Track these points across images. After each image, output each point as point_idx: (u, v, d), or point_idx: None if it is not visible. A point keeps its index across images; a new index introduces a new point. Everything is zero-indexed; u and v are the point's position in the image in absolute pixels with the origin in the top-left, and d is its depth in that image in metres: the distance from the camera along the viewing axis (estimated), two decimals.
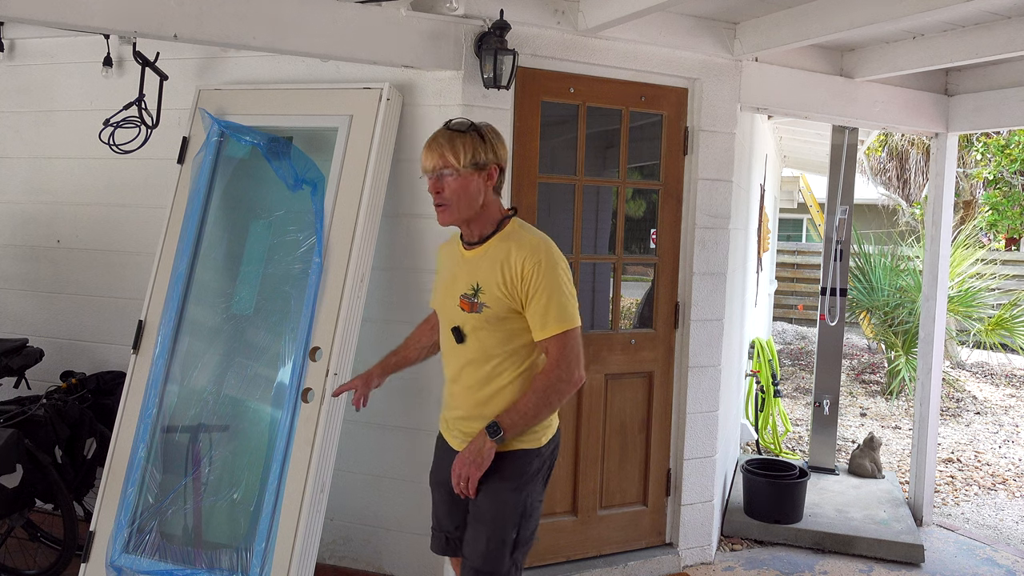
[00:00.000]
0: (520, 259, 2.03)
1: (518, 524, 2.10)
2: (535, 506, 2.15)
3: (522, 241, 2.07)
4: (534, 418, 2.06)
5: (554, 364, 2.03)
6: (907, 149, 11.35)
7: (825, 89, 3.95)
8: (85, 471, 3.28)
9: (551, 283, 2.01)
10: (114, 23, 2.57)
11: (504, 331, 2.08)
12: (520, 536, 2.11)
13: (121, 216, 3.68)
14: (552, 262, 2.03)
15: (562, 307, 2.02)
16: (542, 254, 2.03)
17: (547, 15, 3.15)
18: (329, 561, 3.39)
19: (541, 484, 2.17)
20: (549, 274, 2.01)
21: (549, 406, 2.06)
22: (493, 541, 2.09)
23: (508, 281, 2.04)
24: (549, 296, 2.01)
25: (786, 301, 12.54)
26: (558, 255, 2.07)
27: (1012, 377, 9.07)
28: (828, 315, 4.89)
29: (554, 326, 2.01)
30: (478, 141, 2.07)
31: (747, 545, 4.04)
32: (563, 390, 2.04)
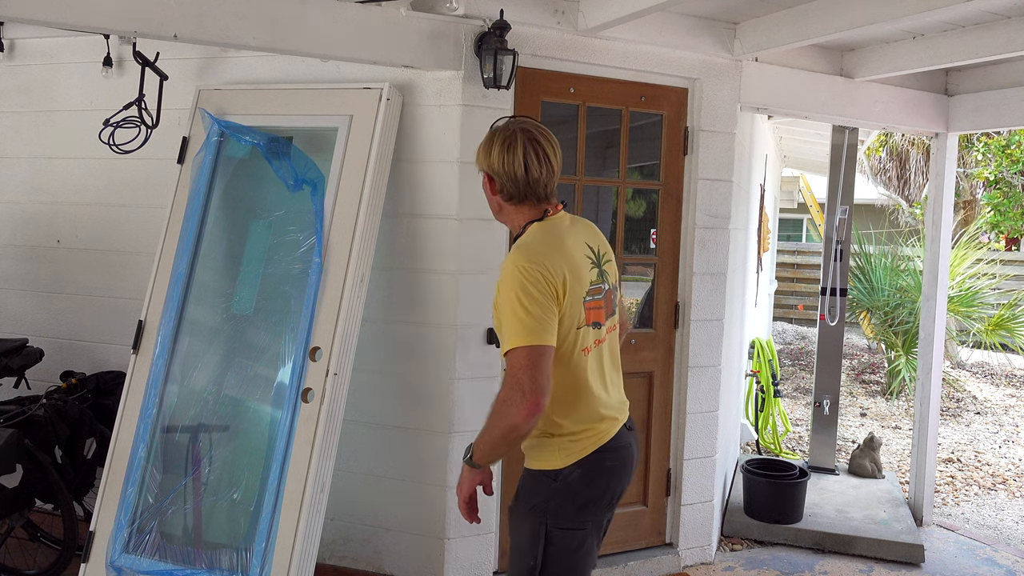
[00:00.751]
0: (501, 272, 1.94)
1: (534, 550, 1.94)
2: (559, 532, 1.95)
3: (512, 253, 1.96)
4: (488, 439, 1.88)
5: (503, 383, 1.86)
6: (907, 149, 11.35)
7: (825, 89, 3.95)
8: (85, 471, 3.28)
9: (506, 299, 1.87)
10: (114, 23, 2.57)
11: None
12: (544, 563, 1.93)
13: (121, 216, 3.68)
14: (516, 276, 1.86)
15: (512, 324, 1.84)
16: (507, 268, 1.90)
17: (547, 15, 3.15)
18: (329, 561, 3.39)
19: (571, 509, 1.95)
20: (510, 288, 1.86)
21: (497, 427, 1.84)
22: (515, 567, 2.01)
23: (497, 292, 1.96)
24: (504, 312, 1.87)
25: (786, 301, 12.53)
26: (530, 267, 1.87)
27: (1012, 377, 9.07)
28: (828, 315, 4.89)
29: (506, 342, 1.86)
30: (479, 147, 2.05)
31: (747, 545, 4.04)
32: (506, 412, 1.80)
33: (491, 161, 2.01)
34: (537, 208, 2.04)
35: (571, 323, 1.92)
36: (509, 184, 2.00)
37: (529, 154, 1.98)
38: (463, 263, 3.14)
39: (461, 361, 3.17)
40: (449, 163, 3.12)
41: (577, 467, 1.95)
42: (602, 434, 1.99)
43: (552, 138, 2.03)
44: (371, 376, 3.26)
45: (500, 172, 2.00)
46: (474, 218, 3.15)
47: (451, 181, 3.12)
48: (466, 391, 3.20)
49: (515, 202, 2.04)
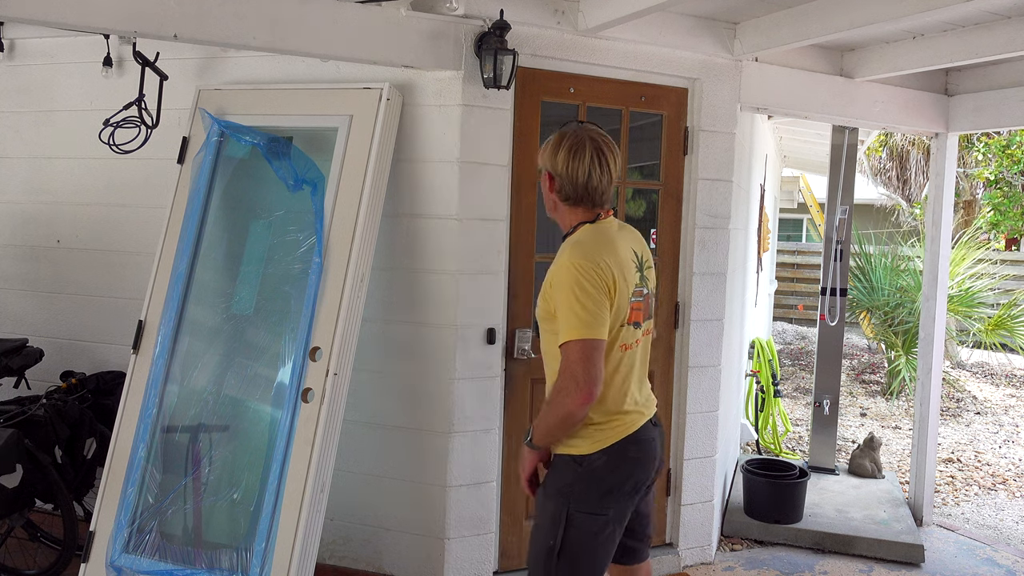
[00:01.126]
0: (555, 267, 2.06)
1: (554, 531, 2.05)
2: (581, 516, 2.05)
3: (565, 250, 2.08)
4: (546, 425, 2.05)
5: (561, 371, 2.00)
6: (907, 149, 11.34)
7: (825, 89, 3.95)
8: (85, 471, 3.28)
9: (563, 294, 1.99)
10: (114, 23, 2.58)
11: (551, 332, 2.09)
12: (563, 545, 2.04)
13: (121, 216, 3.68)
14: (572, 273, 1.99)
15: (568, 318, 1.97)
16: (565, 263, 2.02)
17: (547, 15, 3.15)
18: (329, 561, 3.40)
19: (594, 494, 2.06)
20: (566, 284, 1.99)
21: (552, 414, 2.01)
22: (535, 546, 2.12)
23: (547, 285, 2.08)
24: (561, 306, 2.00)
25: (786, 301, 12.53)
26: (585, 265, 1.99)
27: (1012, 377, 9.07)
28: (828, 315, 4.89)
29: (563, 334, 1.99)
30: (545, 145, 2.17)
31: (747, 545, 4.04)
32: (562, 401, 1.97)
33: (556, 163, 2.13)
34: (590, 212, 2.16)
35: (616, 320, 2.05)
36: (569, 187, 2.12)
37: (594, 163, 2.10)
38: (463, 263, 3.14)
39: (461, 361, 3.18)
40: (449, 163, 3.12)
41: (602, 454, 2.06)
42: (627, 425, 2.10)
43: (615, 148, 2.16)
44: (371, 376, 3.26)
45: (563, 175, 2.12)
46: (474, 218, 3.15)
47: (451, 181, 3.12)
48: (466, 391, 3.20)
49: (571, 203, 2.16)
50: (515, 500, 3.40)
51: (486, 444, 3.27)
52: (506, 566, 3.41)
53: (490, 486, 3.30)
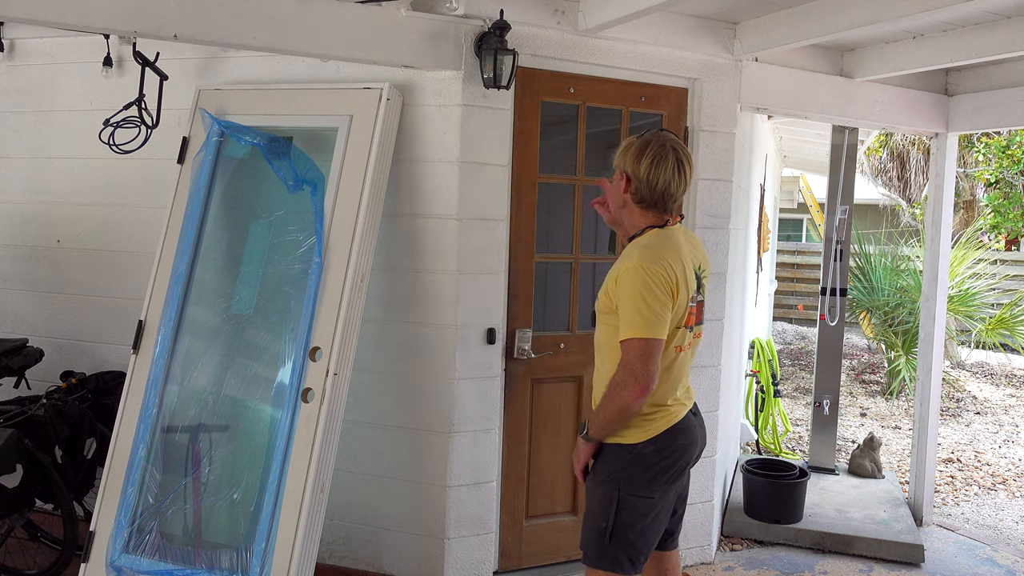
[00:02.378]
0: (623, 265, 2.17)
1: (607, 513, 2.20)
2: (631, 499, 2.21)
3: (635, 250, 2.19)
4: (603, 418, 2.18)
5: (619, 367, 2.14)
6: (907, 149, 11.35)
7: (825, 89, 3.95)
8: (85, 471, 3.28)
9: (631, 292, 2.11)
10: (114, 23, 2.58)
11: (608, 325, 2.23)
12: (611, 524, 2.20)
13: (121, 216, 3.68)
14: (640, 275, 2.11)
15: (632, 316, 2.10)
16: (635, 263, 2.13)
17: (547, 15, 3.15)
18: (329, 561, 3.40)
19: (642, 479, 2.21)
20: (632, 284, 2.11)
21: (610, 407, 2.15)
22: (587, 528, 2.27)
23: (612, 282, 2.20)
24: (626, 303, 2.12)
25: (786, 301, 12.53)
26: (655, 269, 2.11)
27: (1012, 377, 9.06)
28: (828, 315, 4.89)
29: (625, 331, 2.12)
30: (628, 148, 2.26)
31: (747, 545, 4.04)
32: (620, 394, 2.11)
33: (639, 169, 2.22)
34: (660, 216, 2.27)
35: (674, 322, 2.18)
36: (646, 191, 2.23)
37: (675, 172, 2.21)
38: (463, 263, 3.14)
39: (461, 361, 3.17)
40: (449, 163, 3.12)
41: (651, 443, 2.22)
42: (672, 416, 2.25)
43: (691, 160, 2.27)
44: (371, 376, 3.26)
45: (643, 179, 2.22)
46: (474, 218, 3.15)
47: (451, 181, 3.12)
48: (466, 391, 3.20)
49: (643, 207, 2.26)
50: (515, 500, 3.40)
51: (486, 444, 3.27)
52: (506, 566, 3.41)
53: (490, 486, 3.30)
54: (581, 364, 3.46)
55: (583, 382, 3.48)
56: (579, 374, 3.48)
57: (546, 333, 3.41)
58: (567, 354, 3.44)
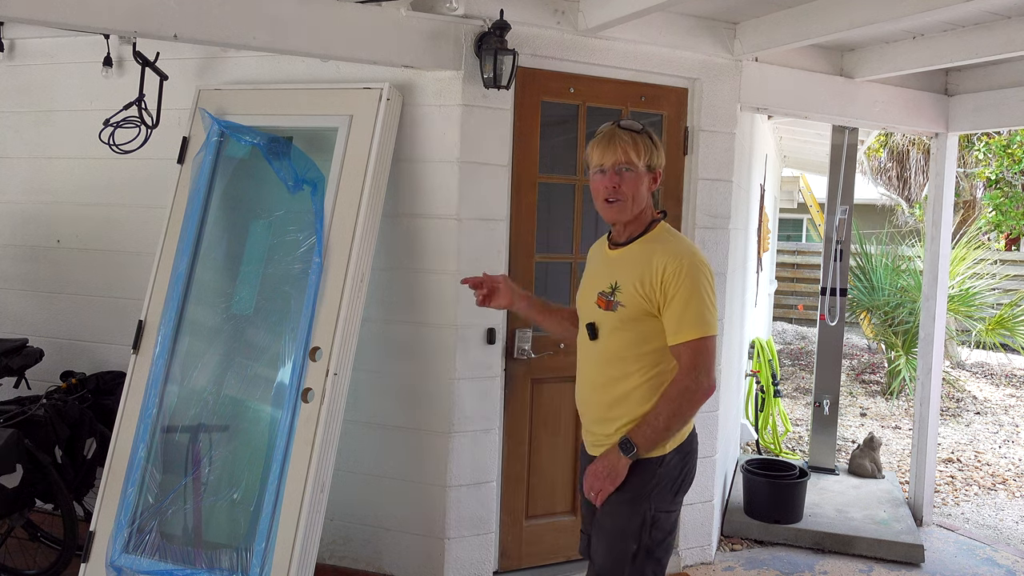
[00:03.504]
0: (663, 262, 2.03)
1: (639, 535, 2.07)
2: (661, 516, 2.10)
3: (667, 245, 2.08)
4: (667, 431, 2.03)
5: (685, 371, 2.01)
6: (907, 149, 11.34)
7: (825, 89, 3.95)
8: (85, 471, 3.28)
9: (692, 288, 2.00)
10: (114, 23, 2.57)
11: (637, 332, 2.07)
12: (643, 545, 2.07)
13: (121, 216, 3.68)
14: (696, 268, 2.02)
15: (699, 313, 1.99)
16: (686, 258, 2.03)
17: (547, 15, 3.15)
18: (329, 561, 3.40)
19: (669, 493, 2.11)
20: (691, 279, 2.00)
21: (681, 416, 2.02)
22: (614, 551, 2.10)
23: (648, 282, 2.04)
24: (687, 301, 2.00)
25: (786, 301, 12.53)
26: (703, 263, 2.05)
27: (1012, 377, 9.06)
28: (828, 315, 4.89)
29: (689, 331, 1.99)
30: (651, 144, 2.15)
31: (747, 545, 4.04)
32: (695, 399, 2.00)
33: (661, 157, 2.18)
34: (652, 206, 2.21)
35: None
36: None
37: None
38: (463, 263, 3.14)
39: (461, 361, 3.17)
40: (449, 163, 3.12)
41: (676, 452, 2.11)
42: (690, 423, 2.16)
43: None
44: (371, 376, 3.26)
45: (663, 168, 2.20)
46: (474, 218, 3.15)
47: (451, 181, 3.12)
48: (466, 391, 3.20)
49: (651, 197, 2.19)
50: (515, 500, 3.40)
51: (486, 444, 3.27)
52: (506, 566, 3.41)
53: (490, 486, 3.30)
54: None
55: None
56: None
57: (546, 333, 3.41)
58: (567, 354, 3.44)
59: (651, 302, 2.04)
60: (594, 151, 2.18)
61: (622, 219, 2.15)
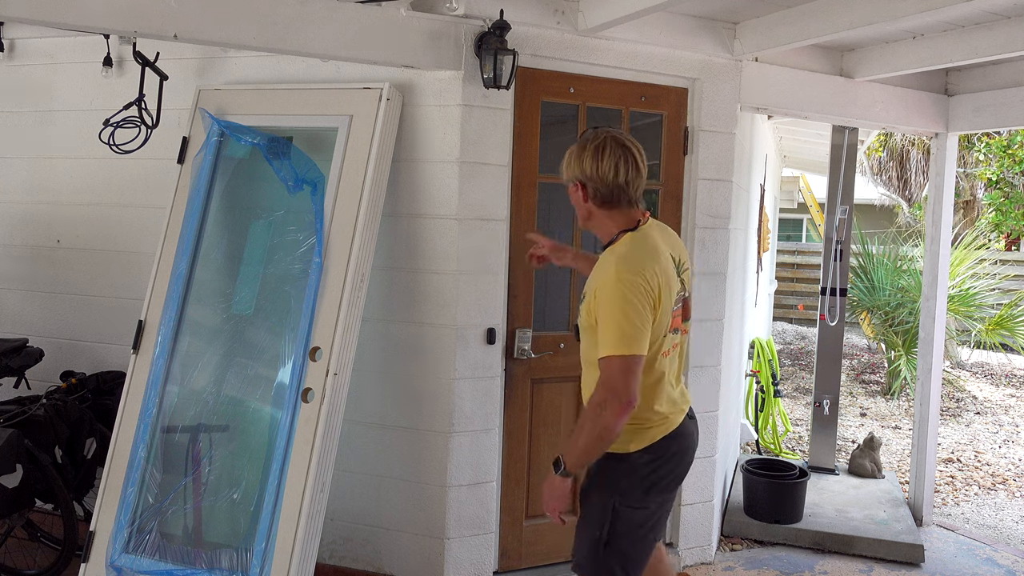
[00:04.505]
0: (602, 276, 2.07)
1: (603, 524, 2.14)
2: (626, 510, 2.15)
3: (613, 258, 2.09)
4: (586, 447, 2.05)
5: (600, 386, 2.03)
6: (907, 149, 11.34)
7: (825, 89, 3.95)
8: (85, 471, 3.28)
9: (613, 307, 2.01)
10: (114, 23, 2.58)
11: (592, 339, 2.12)
12: (610, 537, 2.13)
13: (121, 216, 3.68)
14: (619, 287, 2.01)
15: (614, 333, 2.00)
16: (618, 276, 2.03)
17: (547, 15, 3.15)
18: (329, 561, 3.39)
19: (637, 490, 2.16)
20: (614, 298, 2.01)
21: (598, 429, 2.02)
22: (583, 539, 2.20)
23: (591, 294, 2.11)
24: (604, 319, 2.02)
25: (786, 301, 12.53)
26: (634, 280, 2.01)
27: (1012, 377, 9.07)
28: (828, 315, 4.89)
29: (603, 348, 2.02)
30: (568, 157, 2.19)
31: (747, 545, 4.04)
32: (602, 415, 2.00)
33: (584, 167, 2.14)
34: (628, 215, 2.17)
35: (659, 330, 2.09)
36: (602, 188, 2.13)
37: (620, 158, 2.11)
38: (463, 263, 3.14)
39: (461, 361, 3.18)
40: (449, 163, 3.12)
41: (646, 452, 2.16)
42: (668, 423, 2.20)
43: (637, 145, 2.17)
44: (371, 376, 3.26)
45: (593, 177, 2.13)
46: (474, 218, 3.15)
47: (451, 181, 3.12)
48: (466, 391, 3.20)
49: (607, 207, 2.16)
50: (515, 500, 3.40)
51: (486, 444, 3.27)
52: (506, 566, 3.41)
53: (490, 486, 3.30)
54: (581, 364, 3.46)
55: None
56: (579, 374, 3.44)
57: (546, 333, 3.41)
58: (567, 354, 3.44)
59: (592, 316, 2.10)
60: None
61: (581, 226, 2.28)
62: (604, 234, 2.21)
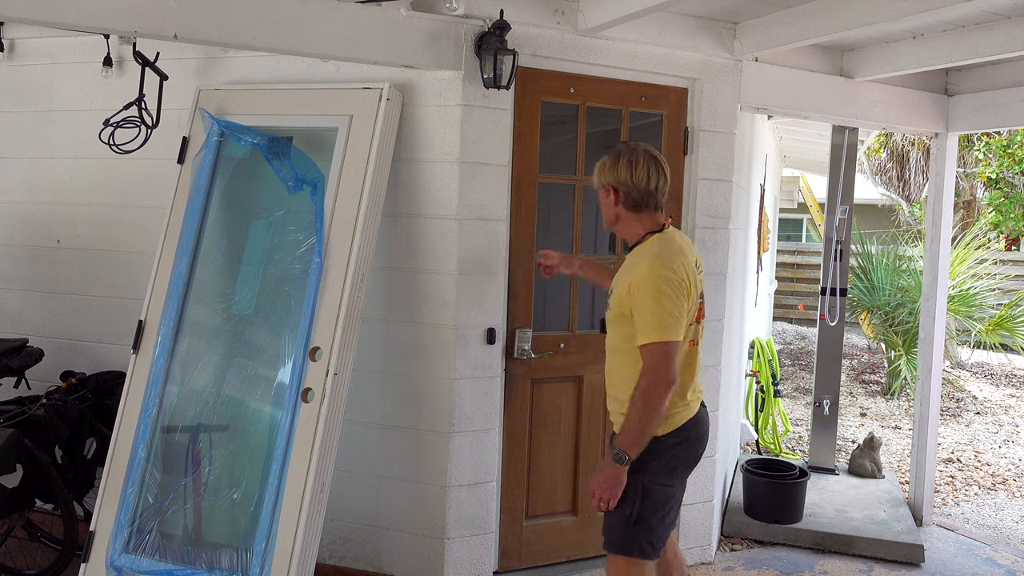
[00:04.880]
0: (639, 272, 2.31)
1: (635, 502, 2.36)
2: (657, 489, 2.38)
3: (647, 256, 2.36)
4: (642, 429, 2.29)
5: (645, 372, 2.27)
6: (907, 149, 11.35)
7: (825, 89, 3.95)
8: (85, 471, 3.28)
9: (650, 298, 2.26)
10: (114, 23, 2.58)
11: (624, 330, 2.38)
12: (641, 514, 2.36)
13: (121, 216, 3.68)
14: (657, 281, 2.27)
15: (653, 322, 2.25)
16: (652, 270, 2.29)
17: (547, 15, 3.15)
18: (329, 561, 3.40)
19: (664, 470, 2.38)
20: (651, 290, 2.27)
21: (648, 413, 2.27)
22: (615, 516, 2.40)
23: (626, 288, 2.34)
24: (644, 309, 2.27)
25: (786, 301, 12.53)
26: (668, 274, 2.28)
27: (1012, 377, 9.07)
28: (828, 315, 4.89)
29: (644, 336, 2.27)
30: (603, 165, 2.44)
31: (747, 545, 4.04)
32: (653, 396, 2.25)
33: (618, 174, 2.40)
34: (654, 219, 2.44)
35: (688, 320, 2.35)
36: (634, 193, 2.40)
37: (651, 168, 2.40)
38: (463, 263, 3.14)
39: (461, 361, 3.18)
40: (449, 163, 3.12)
41: (672, 436, 2.40)
42: (690, 409, 2.46)
43: (663, 158, 2.45)
44: (371, 376, 3.26)
45: (626, 183, 2.40)
46: (474, 218, 3.15)
47: (451, 181, 3.12)
48: (466, 391, 3.20)
49: (636, 211, 2.43)
50: (515, 500, 3.40)
51: (486, 444, 3.27)
52: (506, 566, 3.41)
53: (490, 486, 3.30)
54: (581, 364, 3.46)
55: (583, 382, 3.48)
56: (579, 374, 3.48)
57: (546, 333, 3.41)
58: (567, 354, 3.44)
59: (625, 306, 2.35)
60: None
61: (607, 228, 2.53)
62: (631, 235, 2.47)
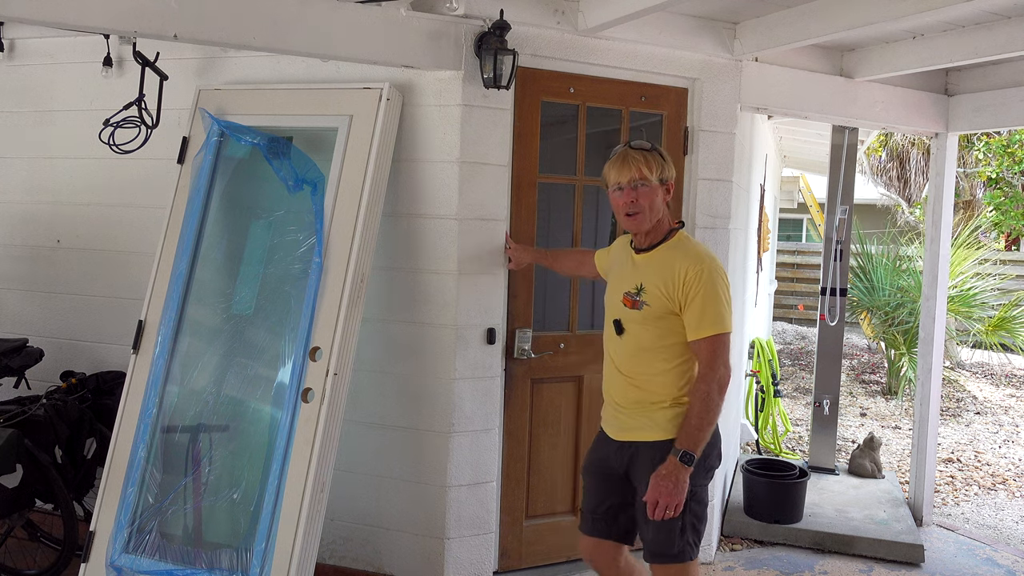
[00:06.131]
0: (685, 267, 2.32)
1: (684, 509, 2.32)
2: (700, 491, 2.39)
3: (688, 251, 2.38)
4: (708, 425, 2.29)
5: (706, 365, 2.29)
6: (907, 149, 11.35)
7: (825, 89, 3.95)
8: (85, 471, 3.28)
9: (710, 290, 2.29)
10: (114, 23, 2.57)
11: (660, 328, 2.37)
12: (691, 519, 2.36)
13: (121, 216, 3.68)
14: (714, 272, 2.31)
15: (717, 313, 2.28)
16: (705, 263, 2.32)
17: (547, 15, 3.15)
18: (329, 561, 3.40)
19: (701, 470, 2.36)
20: (710, 282, 2.29)
21: (714, 408, 2.28)
22: (664, 526, 2.34)
23: (671, 284, 2.33)
24: (706, 301, 2.28)
25: (786, 301, 12.53)
26: (720, 267, 2.34)
27: (1012, 377, 9.07)
28: (828, 315, 4.89)
29: (708, 328, 2.28)
30: (662, 160, 2.42)
31: (747, 545, 4.04)
32: (721, 389, 2.28)
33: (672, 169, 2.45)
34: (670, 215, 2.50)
35: None
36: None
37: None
38: (463, 263, 3.14)
39: (461, 361, 3.18)
40: (449, 163, 3.12)
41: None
42: None
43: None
44: (371, 376, 3.26)
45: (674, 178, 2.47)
46: (474, 218, 3.15)
47: (451, 181, 3.12)
48: (466, 391, 3.20)
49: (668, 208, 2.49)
50: (515, 500, 3.40)
51: (486, 444, 3.27)
52: (506, 566, 3.41)
53: (490, 486, 3.30)
54: (581, 364, 3.46)
55: (583, 382, 3.48)
56: (579, 374, 3.48)
57: (546, 333, 3.41)
58: (567, 354, 3.44)
59: (673, 302, 2.33)
60: (610, 172, 2.45)
61: (642, 229, 2.44)
62: (660, 231, 2.45)
